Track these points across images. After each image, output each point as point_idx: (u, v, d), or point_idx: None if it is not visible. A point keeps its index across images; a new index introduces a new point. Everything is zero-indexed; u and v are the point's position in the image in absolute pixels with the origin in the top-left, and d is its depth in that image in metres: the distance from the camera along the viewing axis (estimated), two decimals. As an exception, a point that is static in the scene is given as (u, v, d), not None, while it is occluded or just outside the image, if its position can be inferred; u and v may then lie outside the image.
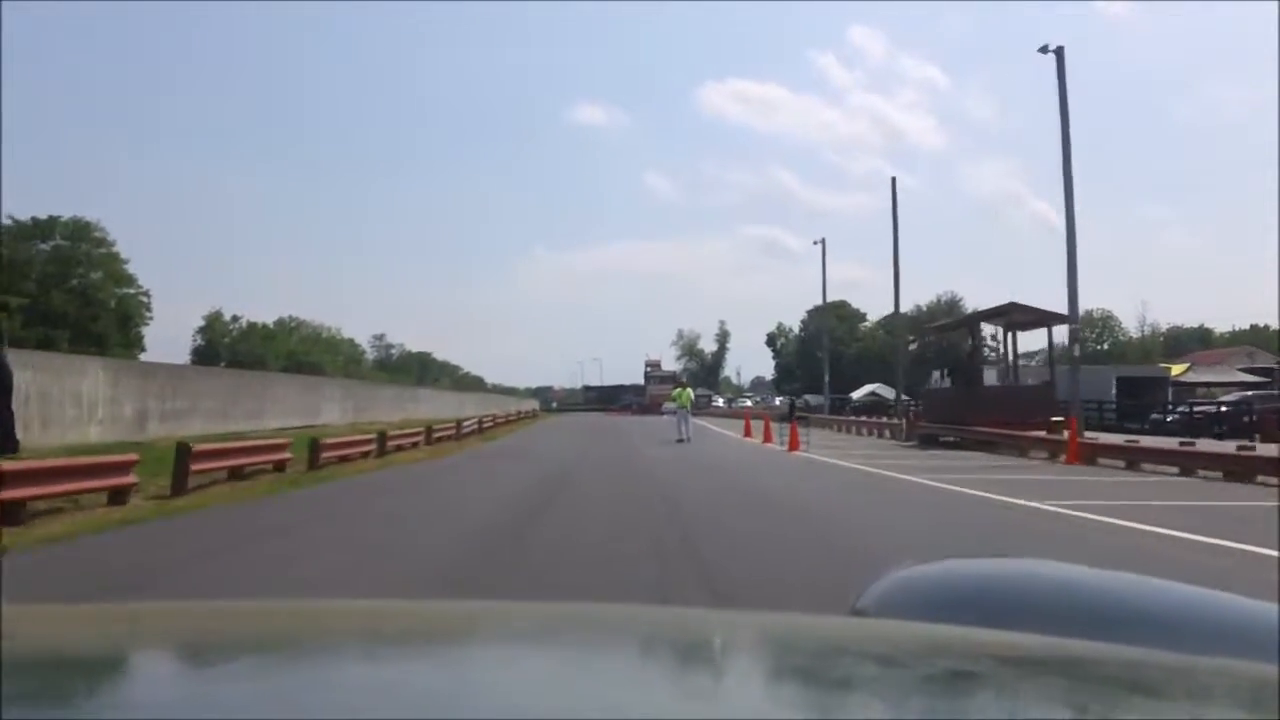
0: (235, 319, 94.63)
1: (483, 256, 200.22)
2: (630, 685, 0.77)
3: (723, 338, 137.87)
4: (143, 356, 57.02)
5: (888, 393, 73.57)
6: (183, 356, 79.75)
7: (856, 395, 72.53)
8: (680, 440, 27.99)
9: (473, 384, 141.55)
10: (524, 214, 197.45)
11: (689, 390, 34.53)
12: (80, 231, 64.16)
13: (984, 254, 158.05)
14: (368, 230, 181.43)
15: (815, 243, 60.99)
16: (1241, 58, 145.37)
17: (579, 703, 0.68)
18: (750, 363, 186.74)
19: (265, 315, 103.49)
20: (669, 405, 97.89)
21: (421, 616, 1.12)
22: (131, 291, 67.17)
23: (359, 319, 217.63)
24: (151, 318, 69.65)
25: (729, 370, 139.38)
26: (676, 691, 0.75)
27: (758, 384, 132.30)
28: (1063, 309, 25.75)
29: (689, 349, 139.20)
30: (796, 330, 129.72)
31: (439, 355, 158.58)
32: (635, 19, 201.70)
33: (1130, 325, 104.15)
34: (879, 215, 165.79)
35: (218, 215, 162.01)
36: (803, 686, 0.81)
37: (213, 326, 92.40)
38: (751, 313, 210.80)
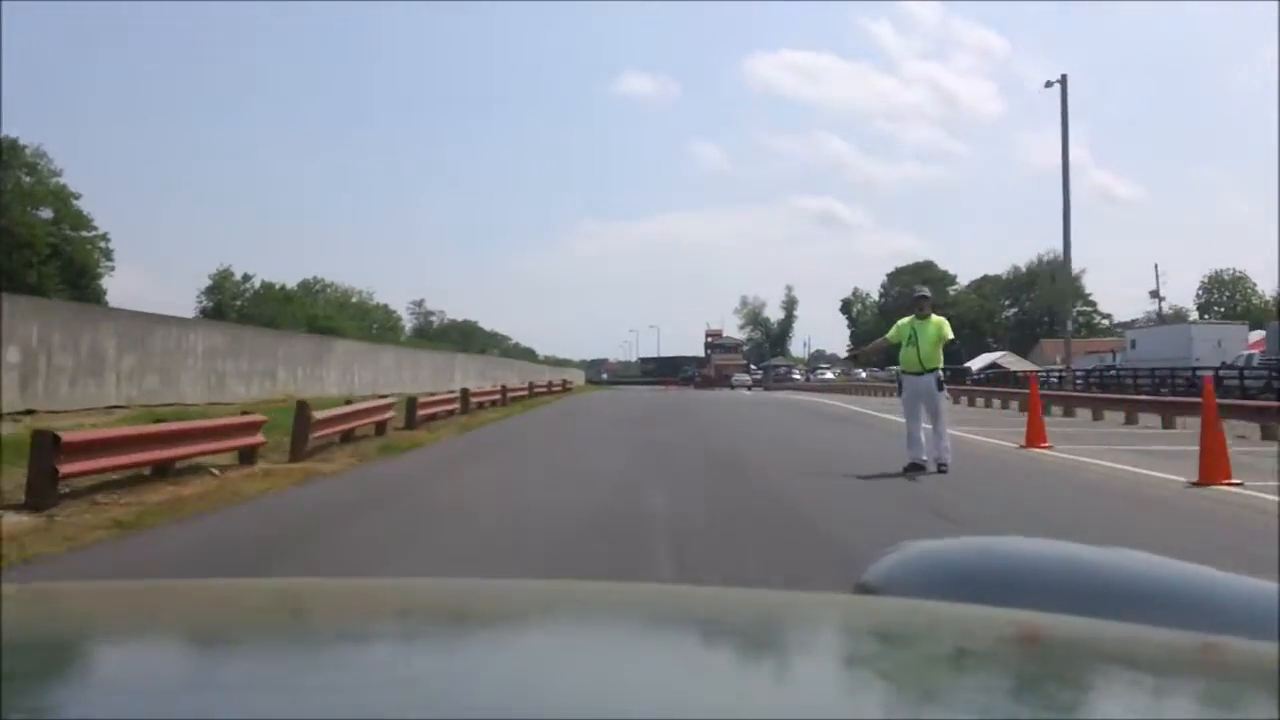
0: (247, 278, 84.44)
1: (532, 227, 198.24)
2: (634, 663, 0.76)
3: (790, 305, 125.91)
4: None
5: (1013, 362, 63.04)
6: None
7: (976, 366, 60.05)
8: (918, 467, 10.53)
9: (523, 354, 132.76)
10: (574, 184, 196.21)
11: (938, 322, 11.07)
12: (9, 155, 51.80)
13: (1040, 224, 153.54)
14: (411, 200, 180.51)
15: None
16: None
17: (582, 681, 0.67)
18: (815, 334, 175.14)
19: (291, 280, 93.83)
20: (740, 377, 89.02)
21: (424, 594, 1.11)
22: (86, 234, 56.55)
23: (402, 290, 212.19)
24: (112, 267, 59.31)
25: (799, 340, 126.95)
26: (681, 670, 0.74)
27: (817, 357, 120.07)
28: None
29: (753, 317, 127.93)
30: (875, 296, 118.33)
31: (485, 325, 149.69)
32: None
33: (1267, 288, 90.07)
34: (934, 185, 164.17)
35: (255, 181, 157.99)
36: (807, 664, 0.81)
37: (221, 287, 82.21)
38: (806, 285, 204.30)
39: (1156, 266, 70.79)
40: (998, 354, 67.85)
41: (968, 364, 62.98)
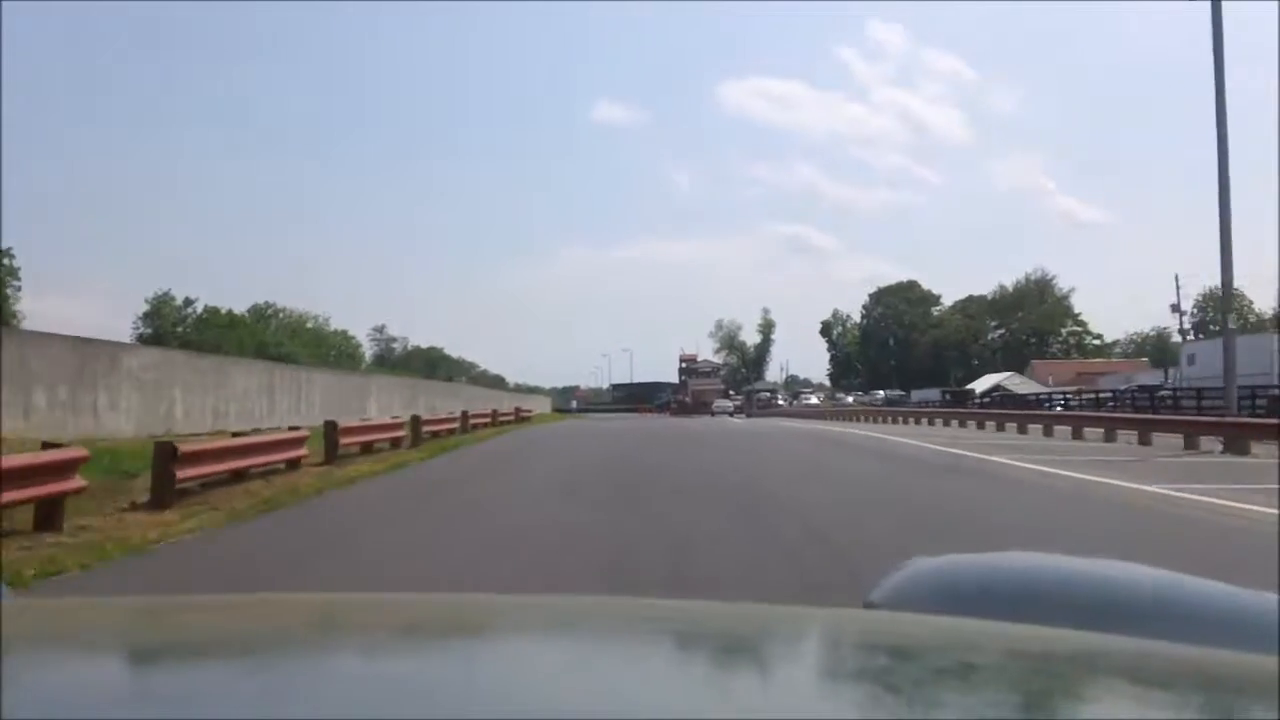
0: (189, 302, 78.79)
1: (504, 254, 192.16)
2: (641, 679, 0.75)
3: (767, 328, 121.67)
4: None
5: (1018, 384, 58.68)
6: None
7: (979, 388, 55.59)
8: None
9: (492, 382, 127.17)
10: (547, 212, 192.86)
11: None
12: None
13: (1010, 249, 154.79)
14: (383, 228, 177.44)
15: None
16: None
17: (590, 697, 0.67)
18: (790, 359, 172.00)
19: (241, 305, 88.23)
20: (722, 403, 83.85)
21: (427, 610, 1.10)
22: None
23: (374, 318, 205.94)
24: (19, 286, 53.58)
25: (774, 365, 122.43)
26: (689, 684, 0.75)
27: (792, 382, 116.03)
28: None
29: (729, 341, 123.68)
30: (856, 318, 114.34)
31: (453, 352, 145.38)
32: (653, 18, 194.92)
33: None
34: (906, 211, 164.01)
35: (221, 202, 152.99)
36: (815, 679, 0.82)
37: (160, 312, 76.56)
38: (779, 311, 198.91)
39: (1177, 277, 66.73)
40: (1002, 375, 63.78)
41: (970, 385, 58.73)
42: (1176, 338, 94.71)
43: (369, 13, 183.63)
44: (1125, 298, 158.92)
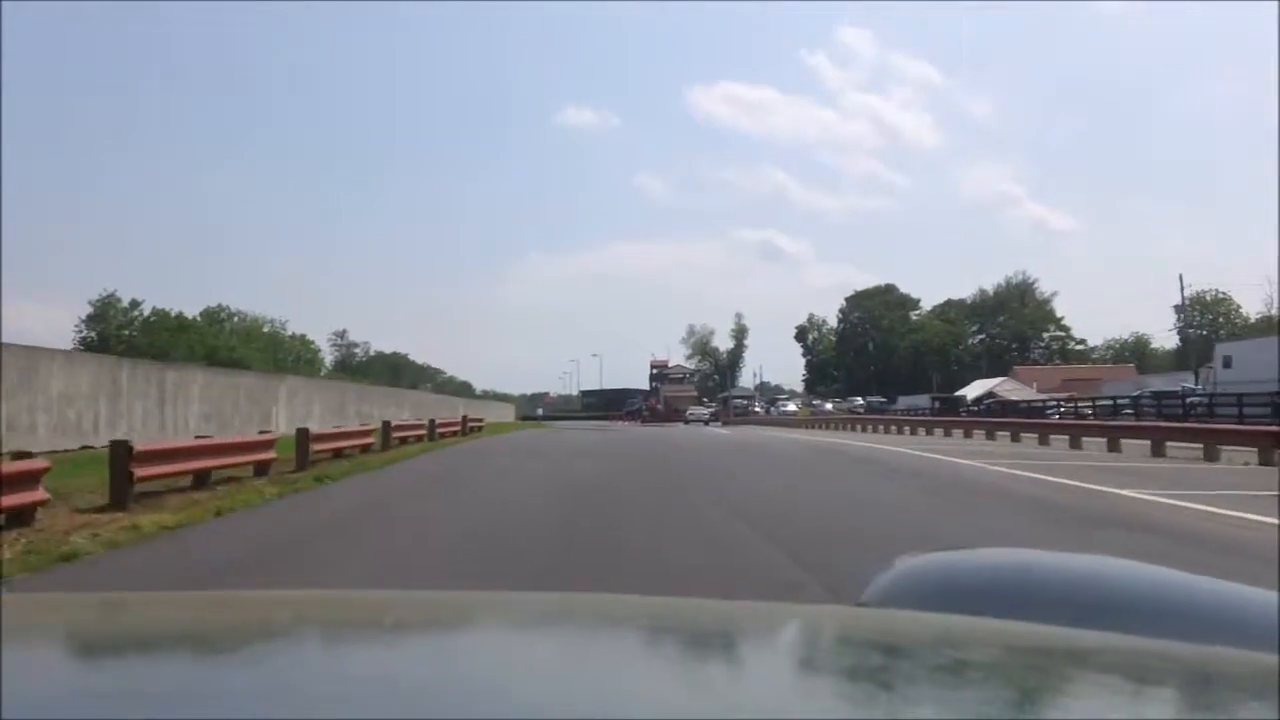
0: (135, 304, 74.29)
1: (473, 259, 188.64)
2: (634, 676, 0.75)
3: (740, 333, 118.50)
4: None
5: (1011, 389, 55.21)
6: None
7: (971, 394, 52.32)
8: None
9: (458, 389, 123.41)
10: (515, 217, 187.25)
11: None
12: None
13: (980, 256, 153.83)
14: (345, 232, 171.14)
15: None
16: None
17: (581, 695, 0.67)
18: (763, 365, 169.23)
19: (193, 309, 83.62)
20: (697, 411, 79.59)
21: (419, 607, 1.11)
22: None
23: (335, 323, 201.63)
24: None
25: (748, 371, 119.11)
26: (681, 683, 0.75)
27: (763, 389, 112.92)
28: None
29: (701, 347, 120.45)
30: (833, 322, 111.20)
31: (418, 358, 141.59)
32: (620, 21, 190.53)
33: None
34: (876, 216, 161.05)
35: (188, 213, 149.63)
36: (809, 677, 0.81)
37: (105, 315, 72.05)
38: (750, 316, 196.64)
39: (1181, 277, 64.24)
40: (994, 380, 60.27)
41: (961, 392, 55.47)
42: (1157, 343, 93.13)
43: (328, 12, 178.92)
44: (1096, 305, 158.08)
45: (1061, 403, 42.37)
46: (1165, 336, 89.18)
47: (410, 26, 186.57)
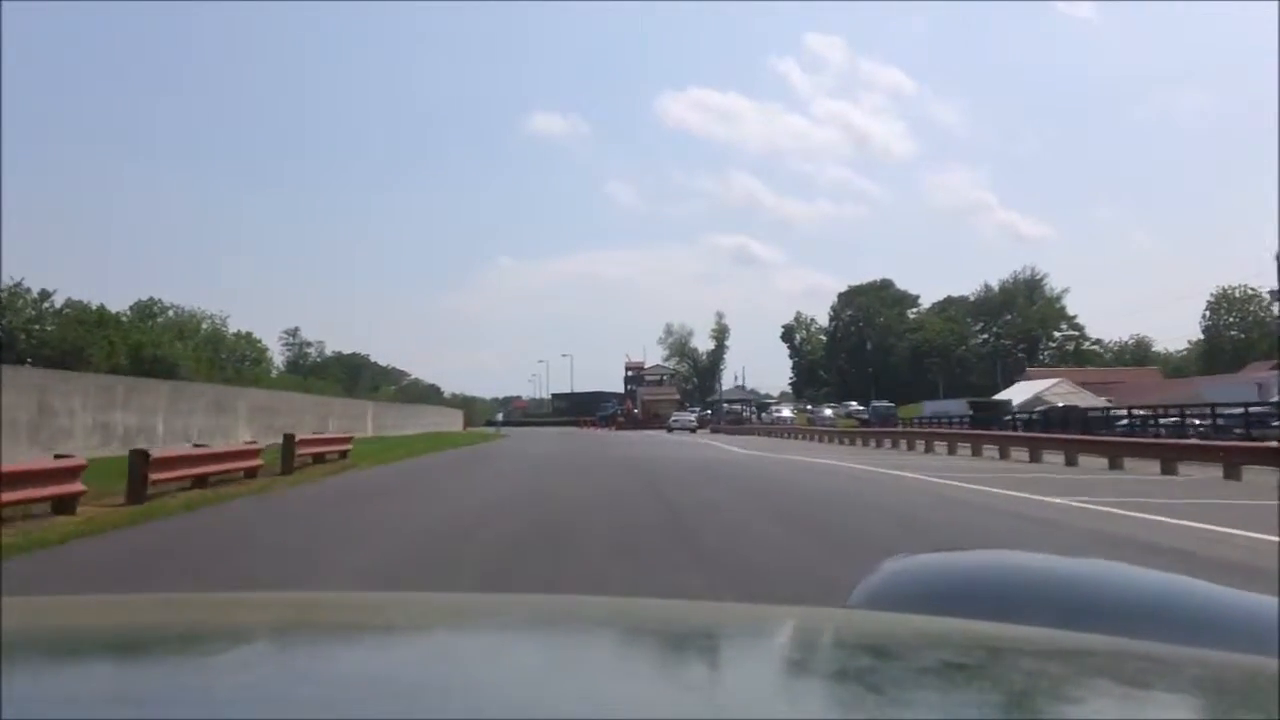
0: (46, 295, 65.93)
1: (441, 265, 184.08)
2: (623, 678, 0.76)
3: (720, 334, 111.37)
4: None
5: (1063, 393, 47.32)
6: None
7: (1016, 399, 44.51)
8: None
9: (424, 393, 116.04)
10: (488, 223, 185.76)
11: None
12: None
13: (952, 262, 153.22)
14: (315, 237, 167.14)
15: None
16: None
17: (571, 696, 0.67)
18: (744, 368, 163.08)
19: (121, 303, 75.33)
20: (682, 417, 71.09)
21: (410, 609, 1.11)
22: None
23: (328, 336, 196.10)
24: None
25: (729, 374, 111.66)
26: (669, 685, 0.75)
27: (737, 392, 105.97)
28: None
29: (680, 348, 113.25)
30: (824, 322, 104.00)
31: (382, 360, 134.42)
32: (589, 28, 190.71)
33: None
34: (847, 223, 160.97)
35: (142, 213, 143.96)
36: (797, 679, 0.81)
37: (12, 306, 63.75)
38: (727, 320, 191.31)
39: (1279, 257, 59.61)
40: (1048, 383, 50.42)
41: (1000, 396, 47.81)
42: (1158, 346, 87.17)
43: (295, 13, 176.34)
44: (1075, 309, 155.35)
45: (1132, 412, 34.13)
46: (1170, 340, 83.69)
47: (378, 31, 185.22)
